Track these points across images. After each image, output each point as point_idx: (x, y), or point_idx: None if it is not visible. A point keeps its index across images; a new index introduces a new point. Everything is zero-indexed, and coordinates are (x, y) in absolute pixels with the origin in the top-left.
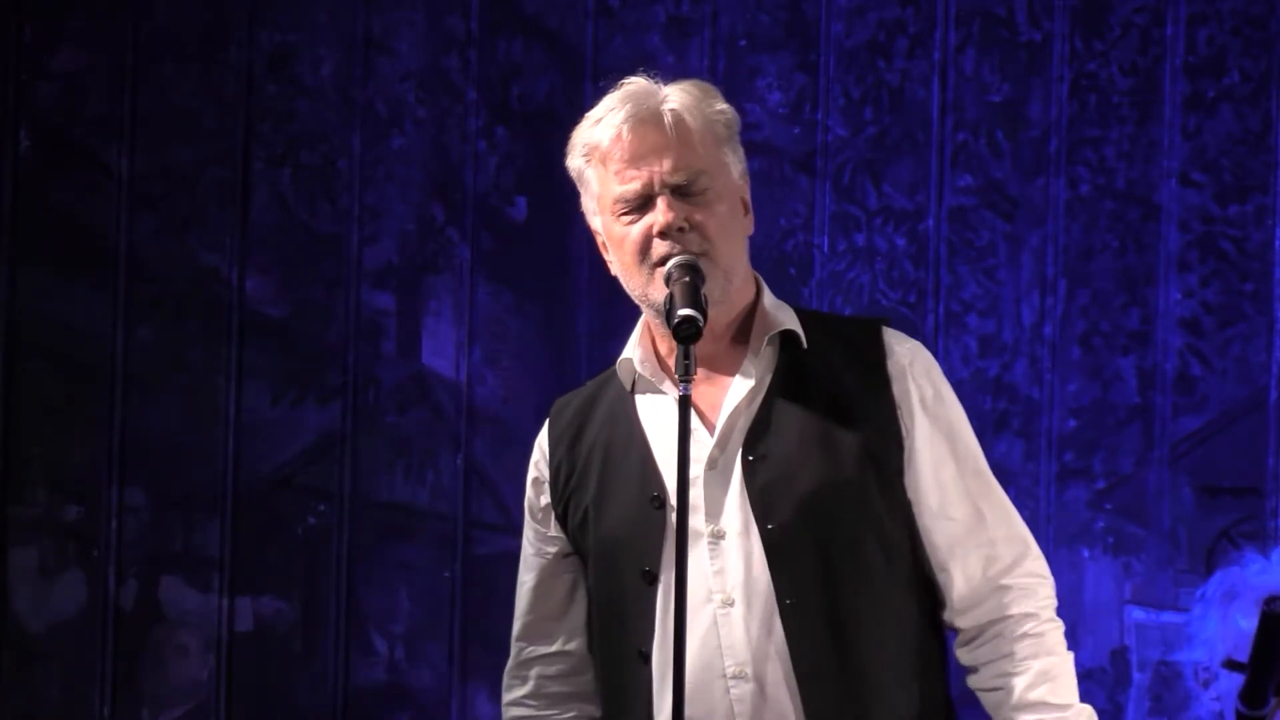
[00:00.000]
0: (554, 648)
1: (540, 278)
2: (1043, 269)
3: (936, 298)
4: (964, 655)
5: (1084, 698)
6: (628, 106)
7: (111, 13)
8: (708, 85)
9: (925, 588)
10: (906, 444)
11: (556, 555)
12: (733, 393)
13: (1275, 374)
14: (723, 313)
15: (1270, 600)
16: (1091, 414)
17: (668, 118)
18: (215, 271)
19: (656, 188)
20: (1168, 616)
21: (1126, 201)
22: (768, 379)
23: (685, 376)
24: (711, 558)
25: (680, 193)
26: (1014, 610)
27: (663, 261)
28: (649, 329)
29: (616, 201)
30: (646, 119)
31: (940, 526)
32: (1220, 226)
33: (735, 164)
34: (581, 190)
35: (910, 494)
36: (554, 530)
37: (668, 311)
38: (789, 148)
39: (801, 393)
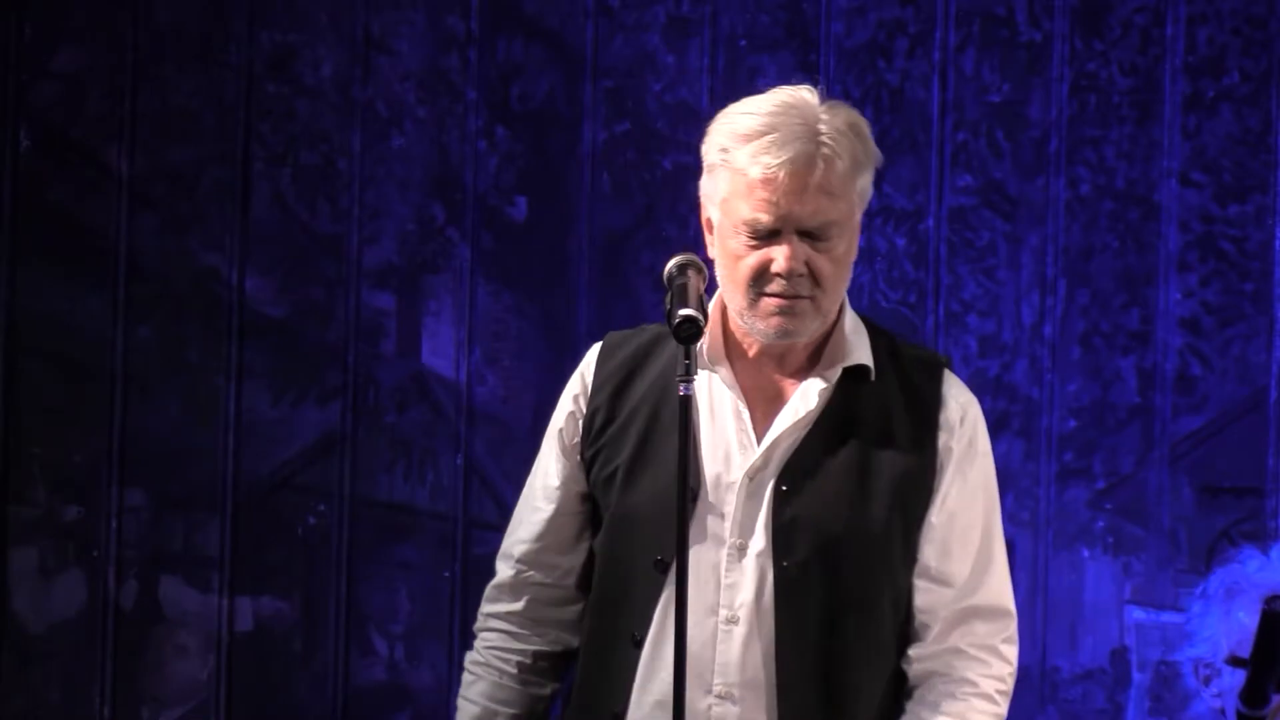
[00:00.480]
0: (554, 578)
1: (540, 278)
2: (1043, 269)
3: (936, 298)
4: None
5: (1084, 698)
6: (787, 149)
7: (111, 13)
8: (863, 121)
9: (904, 635)
10: (935, 499)
11: (578, 494)
12: (787, 412)
13: (1275, 374)
14: (800, 340)
15: (1271, 599)
16: (1091, 414)
17: (819, 167)
18: (215, 271)
19: (787, 227)
20: (1168, 616)
21: (1126, 201)
22: (823, 408)
23: (686, 376)
24: (728, 570)
25: (806, 235)
26: (958, 674)
27: (776, 295)
28: (723, 316)
29: (744, 223)
30: (800, 169)
31: (932, 589)
32: (1220, 226)
33: (863, 201)
34: (706, 172)
35: (921, 543)
36: (575, 468)
37: (668, 312)
38: None
39: (851, 428)
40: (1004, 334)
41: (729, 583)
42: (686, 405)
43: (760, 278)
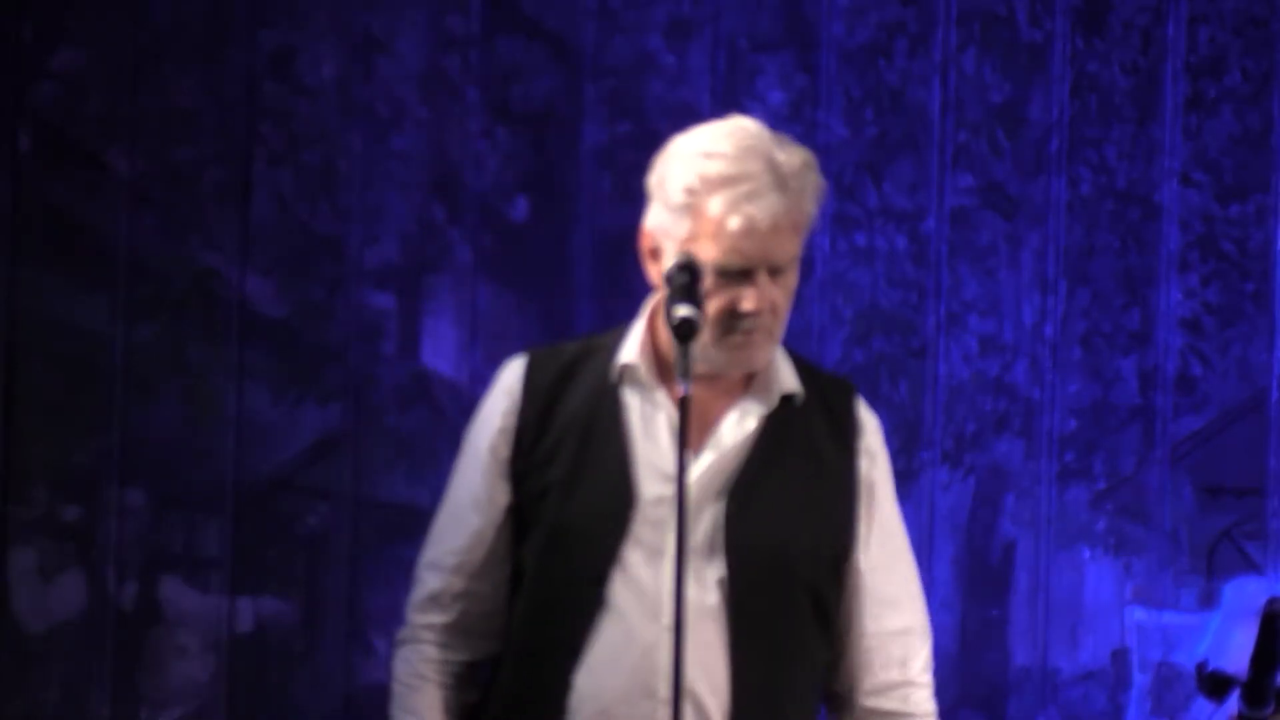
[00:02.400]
0: (485, 589)
1: (540, 278)
2: (1043, 269)
3: (937, 298)
4: None
5: (1085, 699)
6: (766, 198)
7: (111, 13)
8: (811, 156)
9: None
10: (862, 527)
11: (507, 507)
12: (727, 429)
13: (1276, 374)
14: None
15: (1271, 601)
16: (1092, 414)
17: (793, 209)
18: (215, 271)
19: (757, 270)
20: (1169, 617)
21: (1127, 201)
22: (761, 429)
23: (685, 376)
24: (668, 579)
25: (773, 272)
26: (918, 709)
27: (743, 331)
28: (653, 334)
29: (714, 266)
30: (780, 213)
31: (878, 613)
32: (1221, 226)
33: (809, 230)
34: (659, 205)
35: (853, 574)
36: (506, 483)
37: (667, 312)
38: None
39: (785, 450)
40: (1004, 334)
41: (668, 592)
42: (685, 405)
43: (727, 318)
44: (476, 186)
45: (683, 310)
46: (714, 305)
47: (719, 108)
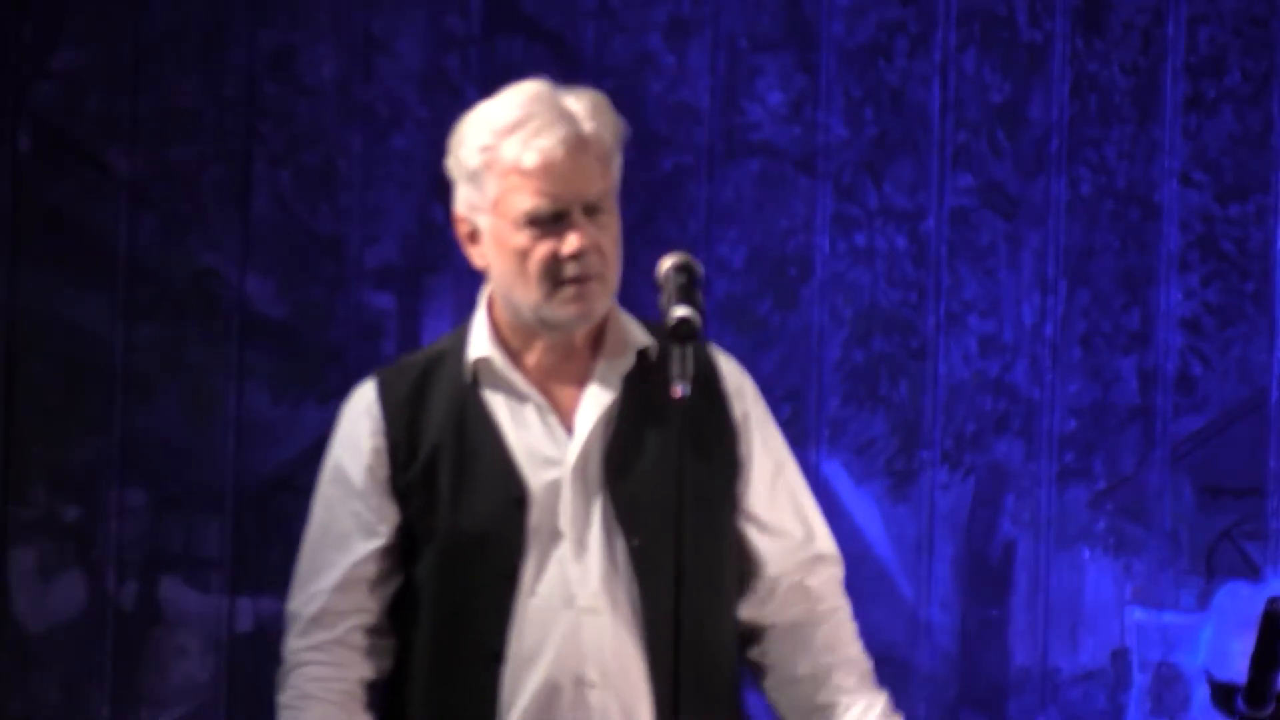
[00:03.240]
0: (370, 604)
1: None
2: (1043, 269)
3: (936, 298)
4: (758, 651)
5: (1086, 698)
6: (554, 130)
7: (111, 13)
8: (604, 97)
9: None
10: (744, 464)
11: (391, 527)
12: (590, 400)
13: (1276, 374)
14: (593, 324)
15: (1271, 600)
16: (1092, 414)
17: (590, 143)
18: (215, 271)
19: (573, 211)
20: (1169, 617)
21: (1127, 201)
22: (622, 390)
23: (683, 376)
24: (573, 562)
25: (589, 211)
26: (822, 606)
27: (573, 280)
28: (495, 324)
29: (525, 214)
30: (573, 147)
31: (771, 543)
32: (1221, 226)
33: (619, 171)
34: (462, 182)
35: (743, 509)
36: (391, 502)
37: (663, 312)
38: (789, 148)
39: (652, 407)
40: (1004, 334)
41: (577, 575)
42: (683, 406)
43: (553, 267)
44: None
45: (680, 311)
46: (536, 258)
47: (719, 107)
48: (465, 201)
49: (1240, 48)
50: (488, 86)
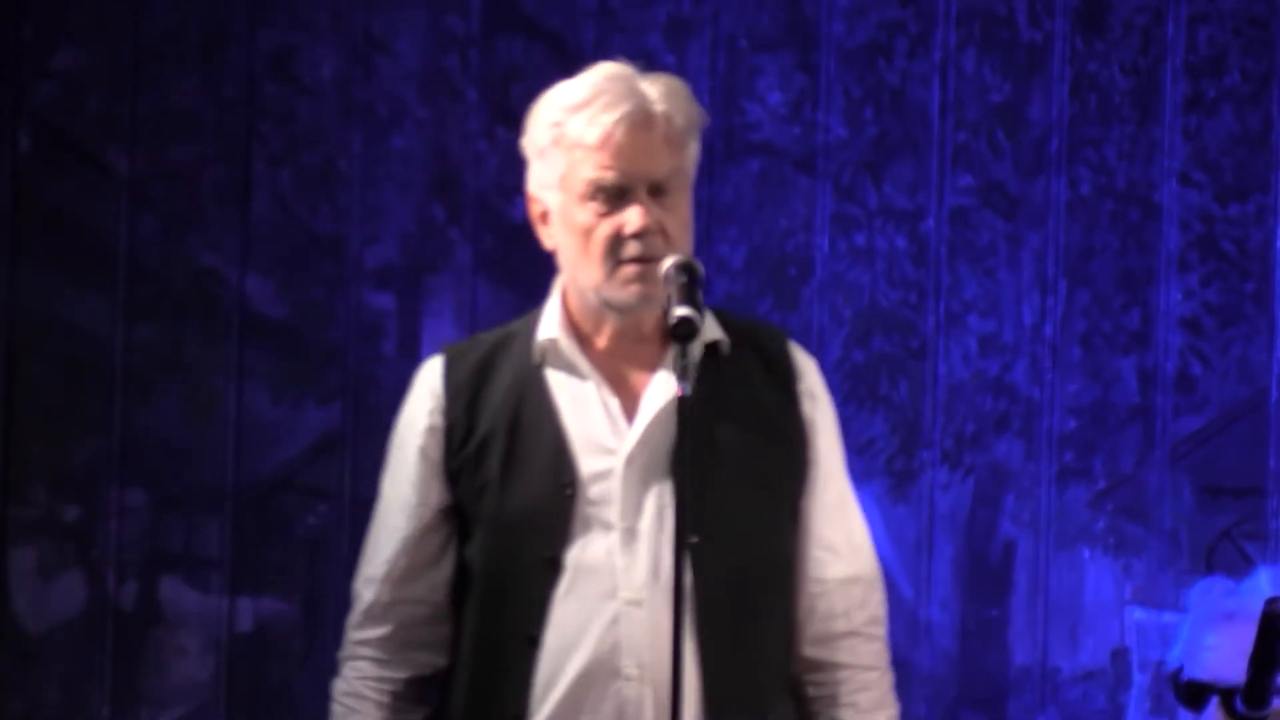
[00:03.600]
0: (420, 594)
1: (540, 278)
2: (1043, 269)
3: (937, 298)
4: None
5: (1085, 698)
6: (622, 104)
7: (111, 12)
8: (683, 84)
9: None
10: (810, 470)
11: (442, 508)
12: (654, 391)
13: (1276, 374)
14: (657, 308)
15: (1271, 600)
16: (1092, 414)
17: (660, 122)
18: (215, 271)
19: (636, 188)
20: (1169, 617)
21: (1127, 201)
22: (693, 389)
23: (684, 376)
24: (621, 554)
25: (654, 192)
26: (864, 661)
27: (634, 259)
28: (567, 308)
29: (590, 184)
30: (639, 120)
31: (825, 559)
32: (1221, 226)
33: (694, 159)
34: (534, 160)
35: (804, 518)
36: (441, 484)
37: (665, 311)
38: (789, 148)
39: (719, 403)
40: (1004, 334)
41: (623, 565)
42: (684, 406)
43: (615, 245)
44: (476, 186)
45: (681, 310)
46: (598, 236)
47: (719, 107)
48: (536, 180)
49: (1240, 48)
50: (488, 86)
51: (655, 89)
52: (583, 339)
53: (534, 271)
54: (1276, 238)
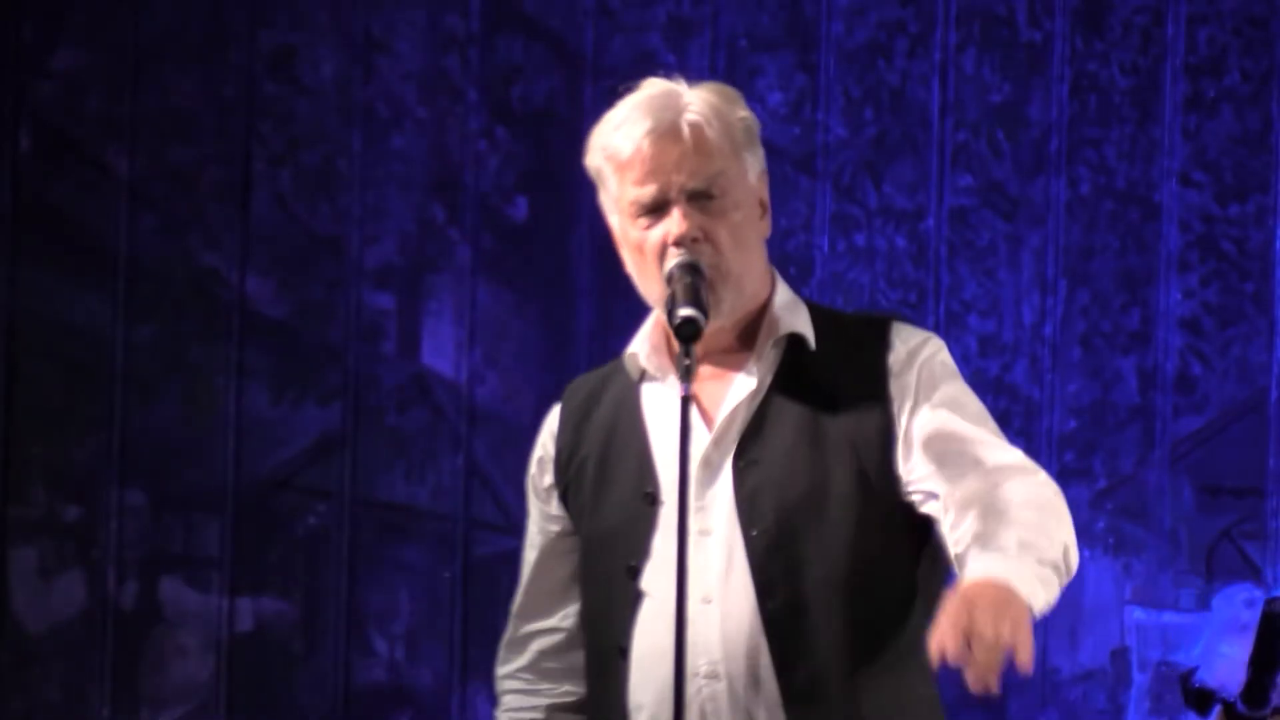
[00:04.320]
0: (551, 622)
1: (540, 277)
2: (1043, 269)
3: (936, 298)
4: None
5: (1085, 698)
6: (649, 119)
7: (111, 13)
8: (730, 90)
9: (926, 588)
10: (900, 430)
11: (559, 534)
12: (733, 393)
13: (1276, 374)
14: (733, 314)
15: (1271, 600)
16: (1092, 414)
17: (686, 130)
18: (215, 271)
19: (673, 194)
20: (1168, 617)
21: (1126, 201)
22: (769, 380)
23: (686, 376)
24: (697, 553)
25: (696, 199)
26: (1006, 478)
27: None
28: (661, 325)
29: (633, 204)
30: (665, 132)
31: (952, 477)
32: (1220, 226)
33: (754, 167)
34: (600, 188)
35: (903, 472)
36: (556, 509)
37: (669, 311)
38: (789, 148)
39: (800, 395)
40: (1004, 334)
41: (699, 565)
42: (686, 405)
43: (663, 255)
44: (476, 186)
45: (685, 310)
46: (649, 249)
47: None
48: (604, 205)
49: (1240, 48)
50: (488, 86)
51: (693, 97)
52: (671, 352)
53: (534, 271)
54: (1276, 238)
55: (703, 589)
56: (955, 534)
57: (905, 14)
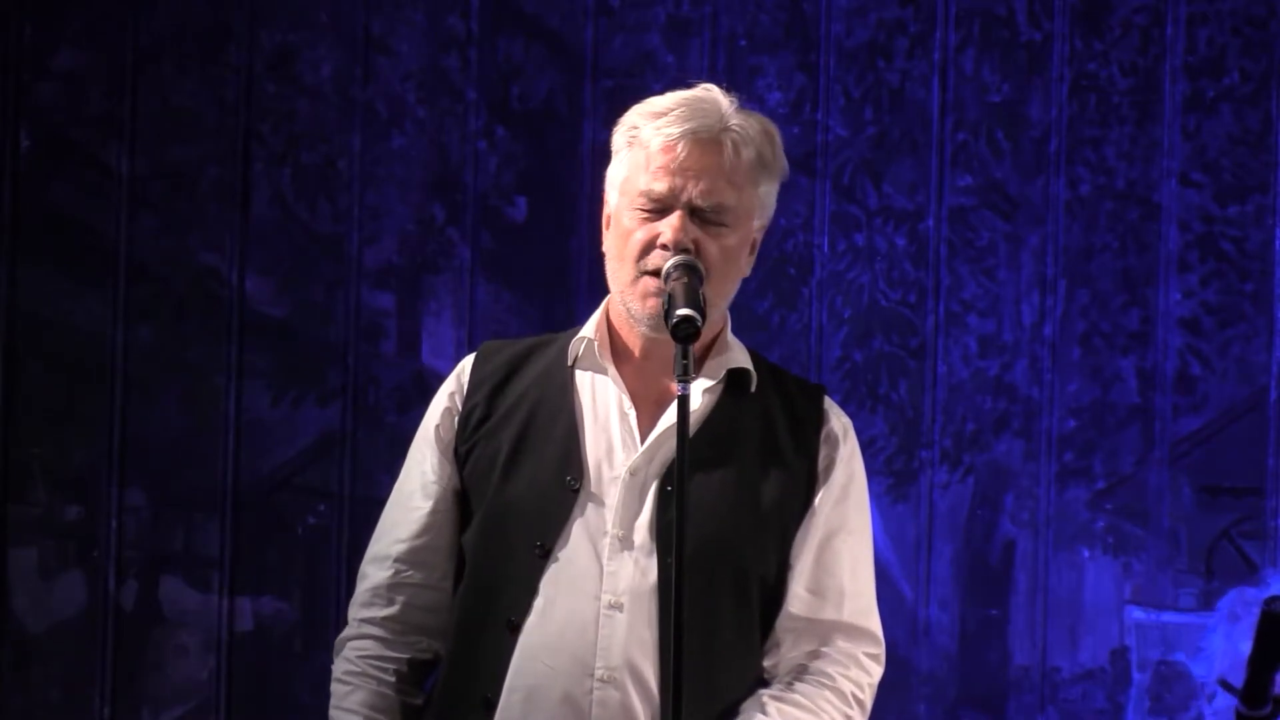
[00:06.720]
0: (432, 580)
1: (540, 278)
2: (1043, 269)
3: (936, 298)
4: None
5: (1085, 698)
6: (693, 120)
7: (111, 13)
8: (774, 129)
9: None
10: (813, 512)
11: (454, 491)
12: (672, 411)
13: (1275, 374)
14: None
15: (1270, 600)
16: (1091, 414)
17: (727, 148)
18: (215, 271)
19: (681, 200)
20: (1168, 616)
21: (1126, 201)
22: (707, 413)
23: (684, 376)
24: (609, 558)
25: (699, 214)
26: (815, 670)
27: (654, 272)
28: (608, 316)
29: (642, 194)
30: (705, 141)
31: (803, 599)
32: (1220, 226)
33: (763, 209)
34: (613, 159)
35: (792, 556)
36: (451, 466)
37: (666, 311)
38: (789, 148)
39: (733, 435)
40: (1004, 334)
41: (610, 570)
42: (685, 404)
43: (645, 252)
44: (476, 186)
45: (682, 310)
46: (634, 240)
47: None
48: (608, 177)
49: (1239, 48)
50: (487, 86)
51: (739, 120)
52: (619, 349)
53: (534, 271)
54: (1276, 238)
55: (613, 594)
56: (765, 660)
57: (905, 14)
